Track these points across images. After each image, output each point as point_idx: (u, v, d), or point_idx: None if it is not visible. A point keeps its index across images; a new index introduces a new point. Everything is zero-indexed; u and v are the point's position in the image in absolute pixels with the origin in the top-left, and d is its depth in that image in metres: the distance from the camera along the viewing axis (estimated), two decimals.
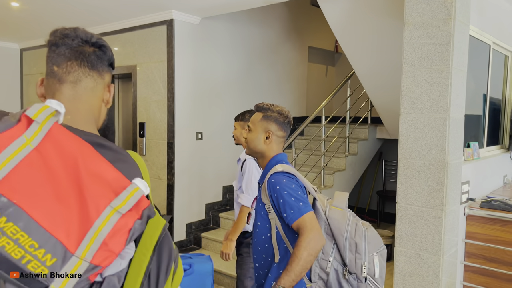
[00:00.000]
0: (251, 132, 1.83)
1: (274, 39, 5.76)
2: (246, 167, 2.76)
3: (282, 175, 1.68)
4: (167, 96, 4.55)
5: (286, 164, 1.79)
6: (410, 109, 2.95)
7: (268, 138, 1.81)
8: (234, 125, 3.00)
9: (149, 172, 4.67)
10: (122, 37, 5.02)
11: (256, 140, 1.81)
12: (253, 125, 1.84)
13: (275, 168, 1.72)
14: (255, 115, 1.87)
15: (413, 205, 2.97)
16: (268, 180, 1.70)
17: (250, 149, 1.84)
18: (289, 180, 1.67)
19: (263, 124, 1.81)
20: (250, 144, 1.83)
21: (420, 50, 2.90)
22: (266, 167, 1.81)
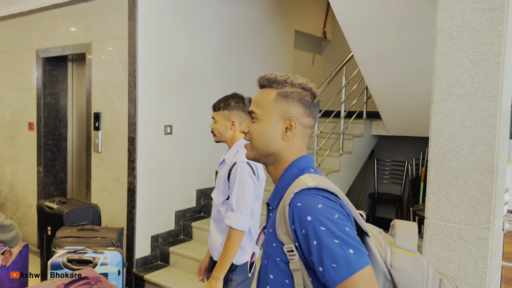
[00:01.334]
0: (257, 122, 1.14)
1: (257, 20, 4.98)
2: (236, 173, 1.98)
3: (315, 195, 0.97)
4: (128, 80, 3.71)
5: (317, 174, 1.09)
6: (446, 96, 2.24)
7: (290, 130, 1.11)
8: (213, 117, 2.26)
9: (106, 173, 3.82)
10: (75, 10, 4.13)
11: (268, 135, 1.12)
12: (261, 110, 1.14)
13: (301, 181, 1.01)
14: (262, 93, 1.17)
15: (448, 221, 2.27)
16: (291, 203, 0.98)
17: (257, 149, 1.14)
18: (329, 205, 0.95)
19: (280, 107, 1.12)
20: (257, 142, 1.13)
21: (461, 17, 2.19)
22: (283, 179, 1.11)
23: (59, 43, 4.32)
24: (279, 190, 1.10)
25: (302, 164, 1.12)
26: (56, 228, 3.45)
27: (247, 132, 1.15)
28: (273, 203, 1.12)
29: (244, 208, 1.94)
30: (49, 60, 4.54)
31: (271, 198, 1.13)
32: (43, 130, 4.56)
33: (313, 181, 1.00)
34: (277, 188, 1.11)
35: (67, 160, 4.80)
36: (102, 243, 3.16)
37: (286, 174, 1.11)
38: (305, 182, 1.00)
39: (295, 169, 1.10)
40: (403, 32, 3.44)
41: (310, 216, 0.93)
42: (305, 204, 0.95)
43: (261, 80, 1.18)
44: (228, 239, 1.94)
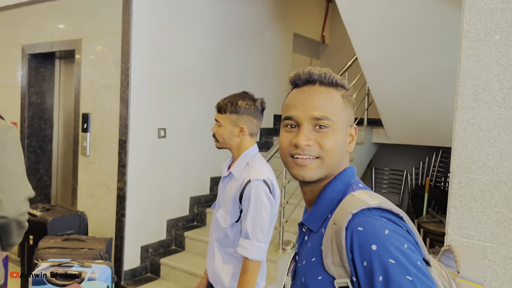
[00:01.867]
0: (330, 133, 0.91)
1: (257, 21, 4.80)
2: (250, 193, 1.68)
3: (379, 218, 0.78)
4: (121, 80, 3.48)
5: (367, 190, 0.90)
6: (472, 102, 2.07)
7: (353, 140, 0.97)
8: (216, 119, 1.87)
9: (94, 178, 3.58)
10: (64, 4, 3.89)
11: (342, 148, 0.93)
12: (334, 116, 0.91)
13: (358, 200, 0.82)
14: (325, 95, 0.92)
15: (471, 238, 2.09)
16: (348, 227, 0.79)
17: (330, 168, 0.91)
18: (397, 232, 0.77)
19: (348, 114, 0.95)
20: (333, 158, 0.91)
21: (489, 18, 2.03)
22: (325, 195, 0.92)
23: (47, 39, 4.06)
24: (321, 210, 0.91)
25: (348, 177, 0.93)
26: (39, 237, 3.19)
27: (312, 145, 0.89)
28: (313, 224, 0.92)
29: (261, 234, 1.66)
30: (35, 57, 4.28)
31: (309, 218, 0.93)
32: (27, 131, 4.28)
33: (373, 199, 0.81)
34: (318, 207, 0.92)
35: (52, 163, 4.52)
36: (89, 255, 2.91)
37: (329, 190, 0.91)
38: (364, 200, 0.81)
39: (341, 184, 0.92)
40: (413, 37, 3.28)
41: (376, 245, 0.74)
42: (368, 229, 0.76)
43: (322, 75, 0.92)
44: (244, 272, 1.66)
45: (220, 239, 1.81)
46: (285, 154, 0.92)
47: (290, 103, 0.93)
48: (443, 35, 3.11)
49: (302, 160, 0.89)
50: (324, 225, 0.87)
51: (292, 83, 0.96)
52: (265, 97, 5.22)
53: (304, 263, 0.89)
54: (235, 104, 1.80)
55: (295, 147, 0.89)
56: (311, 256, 0.87)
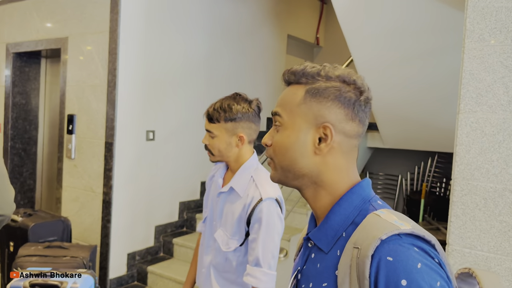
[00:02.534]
0: (281, 131, 0.84)
1: (250, 22, 4.68)
2: (261, 215, 1.46)
3: (411, 247, 0.67)
4: (108, 79, 3.34)
5: (389, 208, 0.78)
6: (475, 106, 1.97)
7: (325, 141, 0.80)
8: (207, 129, 1.62)
9: (79, 182, 3.44)
10: (50, 1, 3.75)
11: (296, 148, 0.82)
12: (287, 113, 0.84)
13: (387, 222, 0.71)
14: (288, 91, 0.86)
15: (474, 249, 1.98)
16: (375, 255, 0.67)
17: (283, 169, 0.84)
18: (431, 266, 0.66)
19: (309, 110, 0.82)
20: (281, 158, 0.83)
21: (494, 17, 1.93)
22: (339, 211, 0.80)
23: (32, 37, 3.92)
24: (333, 227, 0.79)
25: (365, 191, 0.81)
26: (19, 244, 3.03)
27: (270, 145, 0.86)
28: (323, 243, 0.80)
29: (272, 260, 1.47)
30: (20, 56, 4.12)
31: (318, 234, 0.81)
32: (10, 133, 4.12)
33: (405, 223, 0.70)
34: (330, 223, 0.80)
35: (37, 167, 4.36)
36: (72, 263, 2.77)
37: (343, 204, 0.80)
38: (394, 224, 0.70)
39: (357, 199, 0.80)
40: (411, 40, 3.19)
41: (406, 280, 0.64)
42: (399, 260, 0.66)
43: (286, 74, 0.87)
44: None
45: (218, 264, 1.60)
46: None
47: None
48: (442, 36, 3.02)
49: (268, 160, 0.87)
50: (338, 245, 0.76)
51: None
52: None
53: (311, 287, 0.79)
54: (229, 110, 1.55)
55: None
56: (322, 280, 0.77)
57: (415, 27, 3.11)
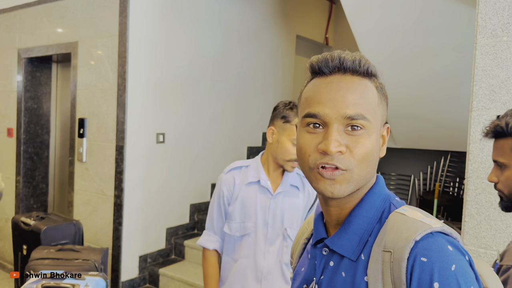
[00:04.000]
0: (364, 136, 0.72)
1: (259, 22, 4.67)
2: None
3: (446, 246, 0.65)
4: (117, 83, 3.36)
5: (410, 205, 0.75)
6: (489, 103, 1.93)
7: (384, 143, 0.80)
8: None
9: (90, 185, 3.47)
10: (60, 6, 3.78)
11: (375, 154, 0.74)
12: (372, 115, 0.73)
13: (414, 220, 0.68)
14: (362, 87, 0.74)
15: (489, 249, 1.94)
16: (410, 257, 0.64)
17: (360, 181, 0.73)
18: (464, 267, 0.64)
19: (383, 111, 0.77)
20: (364, 168, 0.72)
21: (507, 12, 1.89)
22: (361, 213, 0.74)
23: (43, 42, 3.96)
24: (358, 231, 0.73)
25: (383, 190, 0.76)
26: (32, 247, 3.06)
27: (344, 153, 0.70)
28: (348, 250, 0.73)
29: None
30: (31, 61, 4.17)
31: (339, 241, 0.74)
32: (23, 137, 4.16)
33: (434, 220, 0.68)
34: (353, 228, 0.73)
35: (49, 170, 4.40)
36: (84, 266, 2.78)
37: (365, 206, 0.74)
38: (425, 222, 0.66)
39: (378, 199, 0.74)
40: (422, 36, 3.15)
41: (439, 283, 0.62)
42: (433, 261, 0.63)
43: (355, 62, 0.72)
44: None
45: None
46: (308, 164, 0.72)
47: (314, 96, 0.73)
48: (454, 33, 2.98)
49: (331, 172, 0.70)
50: (365, 251, 0.71)
51: (314, 71, 0.76)
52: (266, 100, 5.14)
53: None
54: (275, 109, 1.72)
55: (322, 154, 0.70)
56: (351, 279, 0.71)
57: (426, 23, 3.07)
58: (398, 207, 0.73)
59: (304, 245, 0.91)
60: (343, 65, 0.72)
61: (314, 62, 0.76)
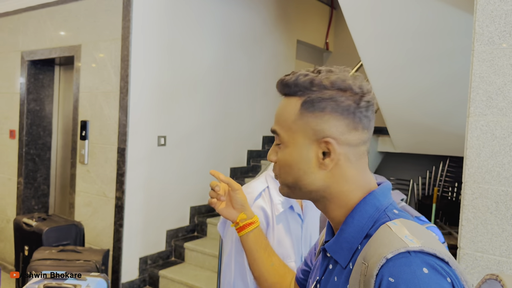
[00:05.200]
0: (282, 148, 0.81)
1: (260, 27, 4.72)
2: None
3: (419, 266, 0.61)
4: (120, 86, 3.39)
5: (407, 218, 0.72)
6: (486, 109, 1.97)
7: (328, 157, 0.75)
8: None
9: (92, 187, 3.50)
10: (63, 10, 3.83)
11: (299, 166, 0.78)
12: (285, 130, 0.80)
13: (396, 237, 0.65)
14: (283, 105, 0.81)
15: (486, 253, 1.97)
16: (379, 274, 0.63)
17: (289, 186, 0.81)
18: None
19: (307, 125, 0.76)
20: (286, 176, 0.81)
21: (503, 20, 1.93)
22: (352, 222, 0.75)
23: (46, 45, 4.00)
24: (348, 239, 0.74)
25: (379, 200, 0.75)
26: (34, 248, 3.09)
27: (275, 162, 0.82)
28: (340, 257, 0.75)
29: None
30: (34, 64, 4.21)
31: (334, 247, 0.76)
32: (25, 139, 4.20)
33: (415, 237, 0.65)
34: (345, 236, 0.75)
35: (50, 172, 4.43)
36: (85, 267, 2.81)
37: (357, 215, 0.75)
38: (403, 240, 0.64)
39: (371, 209, 0.74)
40: (421, 42, 3.19)
41: None
42: (401, 283, 0.60)
43: (279, 86, 0.81)
44: None
45: None
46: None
47: None
48: (452, 39, 3.02)
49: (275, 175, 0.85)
50: (353, 259, 0.72)
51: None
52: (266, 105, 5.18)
53: None
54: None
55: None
56: None
57: (425, 30, 3.11)
58: (393, 219, 0.71)
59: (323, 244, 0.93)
60: (279, 90, 0.82)
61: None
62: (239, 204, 1.09)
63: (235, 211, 1.10)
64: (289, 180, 0.79)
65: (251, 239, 1.06)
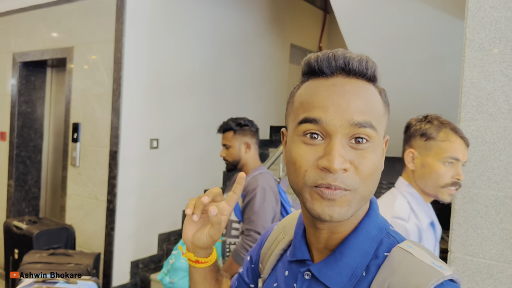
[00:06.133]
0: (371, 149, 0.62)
1: (252, 31, 4.73)
2: None
3: None
4: (112, 88, 3.38)
5: (410, 239, 0.66)
6: (476, 114, 1.99)
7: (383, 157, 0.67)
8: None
9: (83, 190, 3.48)
10: (56, 11, 3.81)
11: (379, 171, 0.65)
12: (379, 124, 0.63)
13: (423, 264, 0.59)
14: (368, 92, 0.63)
15: (476, 256, 1.99)
16: None
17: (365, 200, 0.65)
18: None
19: (386, 120, 0.67)
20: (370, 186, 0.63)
21: (494, 27, 1.96)
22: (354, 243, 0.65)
23: (38, 46, 3.98)
24: (351, 264, 0.64)
25: (377, 216, 0.67)
26: (24, 251, 3.06)
27: (348, 170, 0.60)
28: (335, 283, 0.64)
29: None
30: (26, 65, 4.18)
31: (328, 273, 0.65)
32: (16, 141, 4.16)
33: (444, 265, 0.59)
34: (345, 260, 0.64)
35: (41, 175, 4.39)
36: (76, 270, 2.78)
37: (360, 236, 0.64)
38: (434, 267, 0.58)
39: (373, 228, 0.65)
40: (413, 48, 3.22)
41: None
42: None
43: (360, 63, 0.62)
44: None
45: None
46: (304, 181, 0.60)
47: (313, 100, 0.61)
48: (444, 45, 3.05)
49: (331, 191, 0.59)
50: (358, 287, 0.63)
51: (311, 70, 0.65)
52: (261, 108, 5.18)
53: None
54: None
55: (323, 171, 0.58)
56: None
57: (417, 35, 3.15)
58: (400, 241, 0.64)
59: (280, 256, 0.79)
60: (349, 66, 0.62)
61: (313, 60, 0.64)
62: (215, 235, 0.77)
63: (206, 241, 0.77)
64: (370, 192, 0.62)
65: (200, 273, 0.82)
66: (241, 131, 2.23)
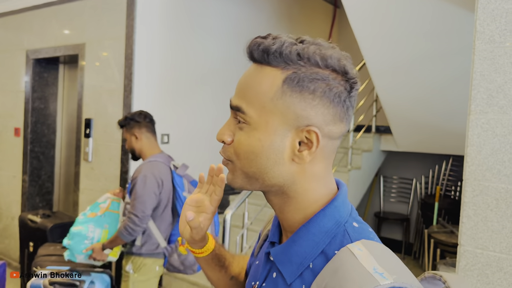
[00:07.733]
0: (247, 130, 0.65)
1: (264, 25, 4.74)
2: None
3: None
4: (124, 84, 3.42)
5: (370, 239, 0.63)
6: (486, 107, 1.98)
7: (308, 149, 0.64)
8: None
9: (96, 185, 3.52)
10: (68, 8, 3.86)
11: (269, 155, 0.64)
12: (256, 108, 0.64)
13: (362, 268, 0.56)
14: (255, 75, 0.67)
15: (486, 249, 1.99)
16: None
17: (247, 175, 0.67)
18: None
19: (290, 107, 0.62)
20: (247, 164, 0.66)
21: (504, 19, 1.94)
22: (307, 236, 0.65)
23: (51, 43, 4.03)
24: (300, 253, 0.64)
25: (340, 212, 0.65)
26: (39, 244, 3.13)
27: (230, 143, 0.67)
28: (285, 269, 0.66)
29: None
30: (39, 62, 4.25)
31: (281, 256, 0.67)
32: (30, 136, 4.23)
33: (387, 273, 0.55)
34: (296, 248, 0.65)
35: (55, 170, 4.47)
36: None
37: (312, 229, 0.64)
38: (373, 274, 0.54)
39: (330, 223, 0.64)
40: (423, 41, 3.20)
41: None
42: None
43: (254, 49, 0.66)
44: None
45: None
46: None
47: None
48: (454, 38, 3.03)
49: (223, 159, 0.70)
50: (304, 279, 0.63)
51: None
52: None
53: None
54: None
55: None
56: None
57: (428, 29, 3.13)
58: (354, 240, 0.62)
59: (267, 236, 0.82)
60: (251, 54, 0.67)
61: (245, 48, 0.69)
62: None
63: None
64: (250, 169, 0.64)
65: (201, 261, 0.90)
66: (128, 125, 2.50)
